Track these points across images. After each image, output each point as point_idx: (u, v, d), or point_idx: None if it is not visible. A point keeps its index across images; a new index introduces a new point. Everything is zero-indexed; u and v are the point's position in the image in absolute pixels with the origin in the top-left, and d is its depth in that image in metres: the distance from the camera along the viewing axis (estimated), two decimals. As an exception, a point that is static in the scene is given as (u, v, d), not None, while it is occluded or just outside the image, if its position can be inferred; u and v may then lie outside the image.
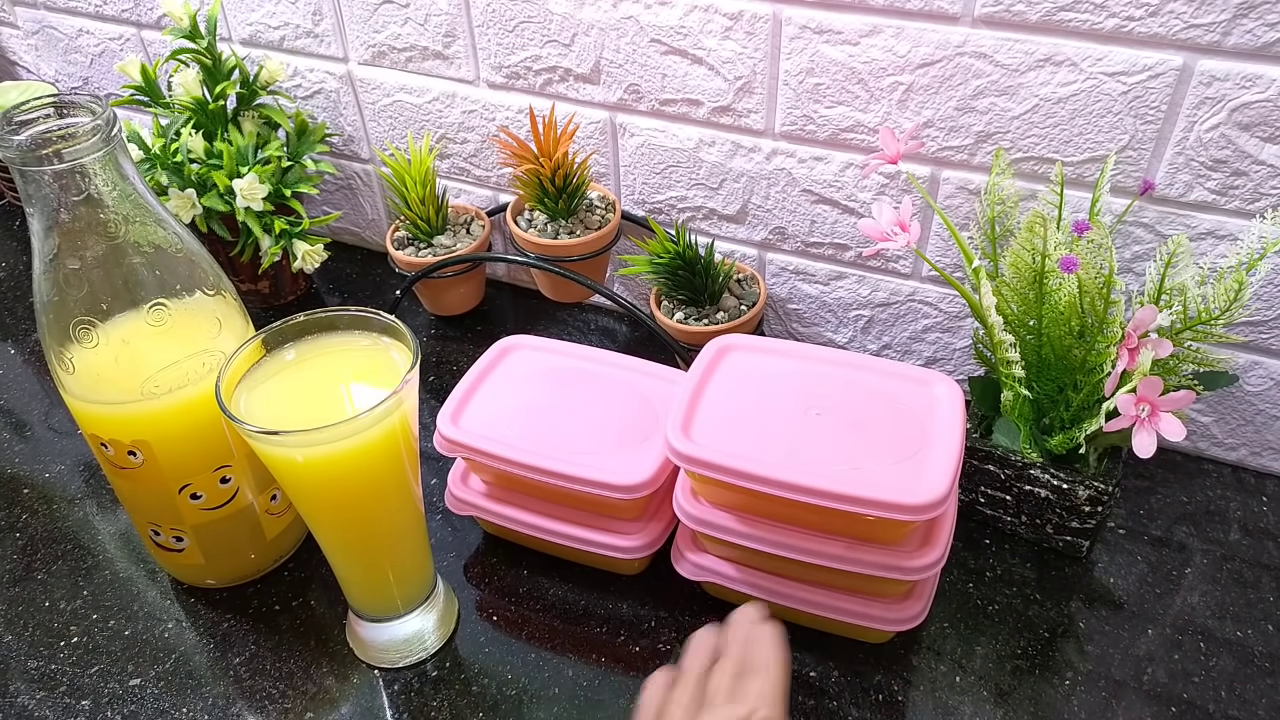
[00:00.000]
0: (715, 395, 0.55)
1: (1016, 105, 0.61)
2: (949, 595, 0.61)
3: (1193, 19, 0.55)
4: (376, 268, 0.93)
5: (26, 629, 0.61)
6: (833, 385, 0.56)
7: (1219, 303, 0.55)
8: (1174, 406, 0.52)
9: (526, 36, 0.74)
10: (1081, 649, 0.58)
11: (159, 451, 0.55)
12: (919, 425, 0.53)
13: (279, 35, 0.84)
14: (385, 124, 0.86)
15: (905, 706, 0.55)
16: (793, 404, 0.54)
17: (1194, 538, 0.64)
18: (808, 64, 0.66)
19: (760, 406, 0.54)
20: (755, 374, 0.57)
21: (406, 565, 0.57)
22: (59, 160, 0.47)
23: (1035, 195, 0.64)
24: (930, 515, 0.48)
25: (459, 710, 0.56)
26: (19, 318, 0.88)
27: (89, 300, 0.51)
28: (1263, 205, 0.59)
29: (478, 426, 0.60)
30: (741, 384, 0.56)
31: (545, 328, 0.85)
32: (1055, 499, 0.61)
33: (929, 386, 0.55)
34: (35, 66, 1.03)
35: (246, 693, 0.57)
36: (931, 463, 0.50)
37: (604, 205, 0.79)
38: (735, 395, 0.55)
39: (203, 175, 0.77)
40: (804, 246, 0.75)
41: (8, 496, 0.70)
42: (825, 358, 0.58)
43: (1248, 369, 0.66)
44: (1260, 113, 0.56)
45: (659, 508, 0.61)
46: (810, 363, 0.57)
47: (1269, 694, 0.55)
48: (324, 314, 0.53)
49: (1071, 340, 0.58)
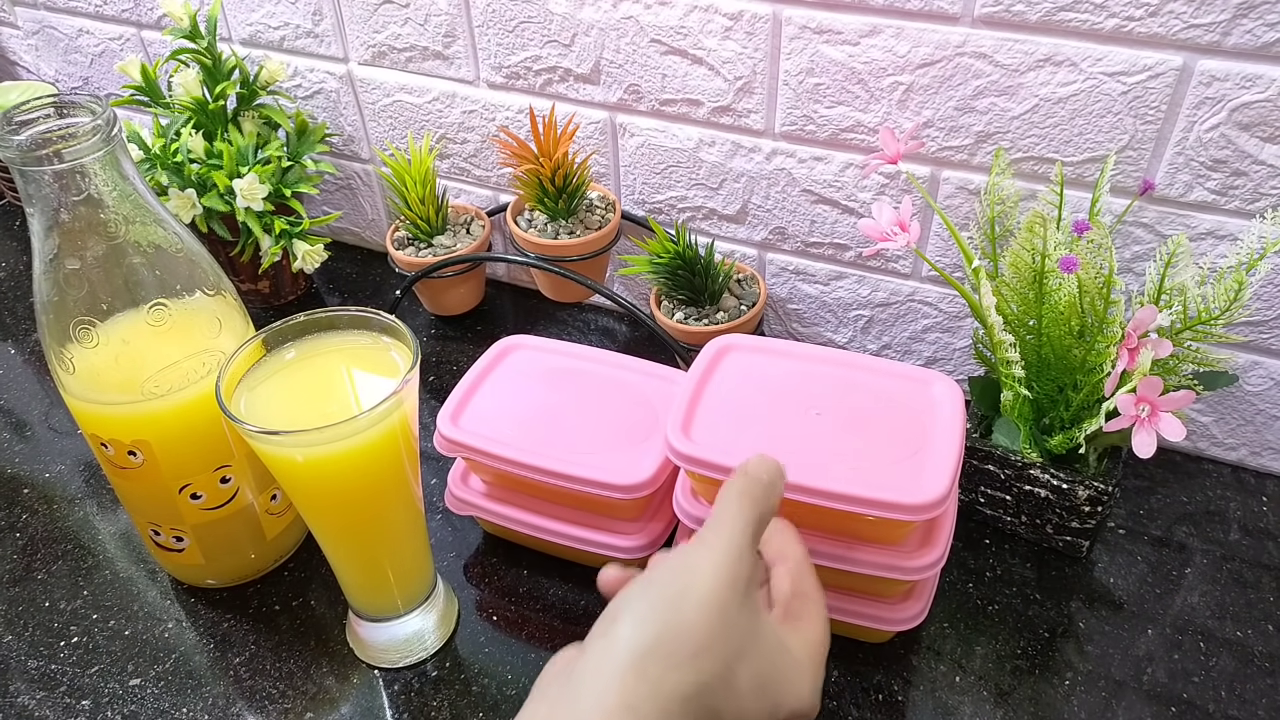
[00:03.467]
0: (715, 395, 0.55)
1: (1016, 105, 0.61)
2: (949, 595, 0.61)
3: (1193, 19, 0.55)
4: (376, 268, 0.93)
5: (26, 629, 0.61)
6: (832, 385, 0.56)
7: (1219, 303, 0.55)
8: (1174, 406, 0.52)
9: (526, 37, 0.74)
10: (1081, 649, 0.58)
11: (159, 451, 0.55)
12: (919, 425, 0.53)
13: (279, 35, 0.84)
14: (385, 124, 0.86)
15: (905, 706, 0.55)
16: (793, 404, 0.55)
17: (1194, 538, 0.64)
18: (808, 64, 0.66)
19: (760, 406, 0.54)
20: (755, 374, 0.57)
21: (406, 565, 0.57)
22: (59, 160, 0.47)
23: (1035, 195, 0.64)
24: (930, 515, 0.48)
25: (459, 710, 0.56)
26: (19, 318, 0.88)
27: (89, 300, 0.51)
28: (1262, 205, 0.59)
29: (478, 426, 0.60)
30: (741, 384, 0.56)
31: (545, 328, 0.85)
32: (1055, 499, 0.61)
33: (928, 386, 0.55)
34: (35, 66, 1.03)
35: (246, 693, 0.57)
36: (931, 462, 0.50)
37: (604, 205, 0.79)
38: (735, 395, 0.55)
39: (203, 175, 0.77)
40: (804, 246, 0.75)
41: (8, 496, 0.70)
42: (825, 358, 0.58)
43: (1248, 369, 0.66)
44: (1260, 113, 0.56)
45: (659, 508, 0.61)
46: (810, 363, 0.57)
47: (1269, 694, 0.55)
48: (324, 314, 0.53)
49: (1071, 340, 0.58)
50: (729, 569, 0.39)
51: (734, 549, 0.40)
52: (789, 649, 0.41)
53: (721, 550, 0.40)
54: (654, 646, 0.37)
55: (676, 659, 0.37)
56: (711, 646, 0.38)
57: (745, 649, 0.39)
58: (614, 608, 0.40)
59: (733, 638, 0.39)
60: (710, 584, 0.39)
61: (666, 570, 0.40)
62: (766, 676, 0.39)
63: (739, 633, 0.39)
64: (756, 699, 0.39)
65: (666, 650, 0.37)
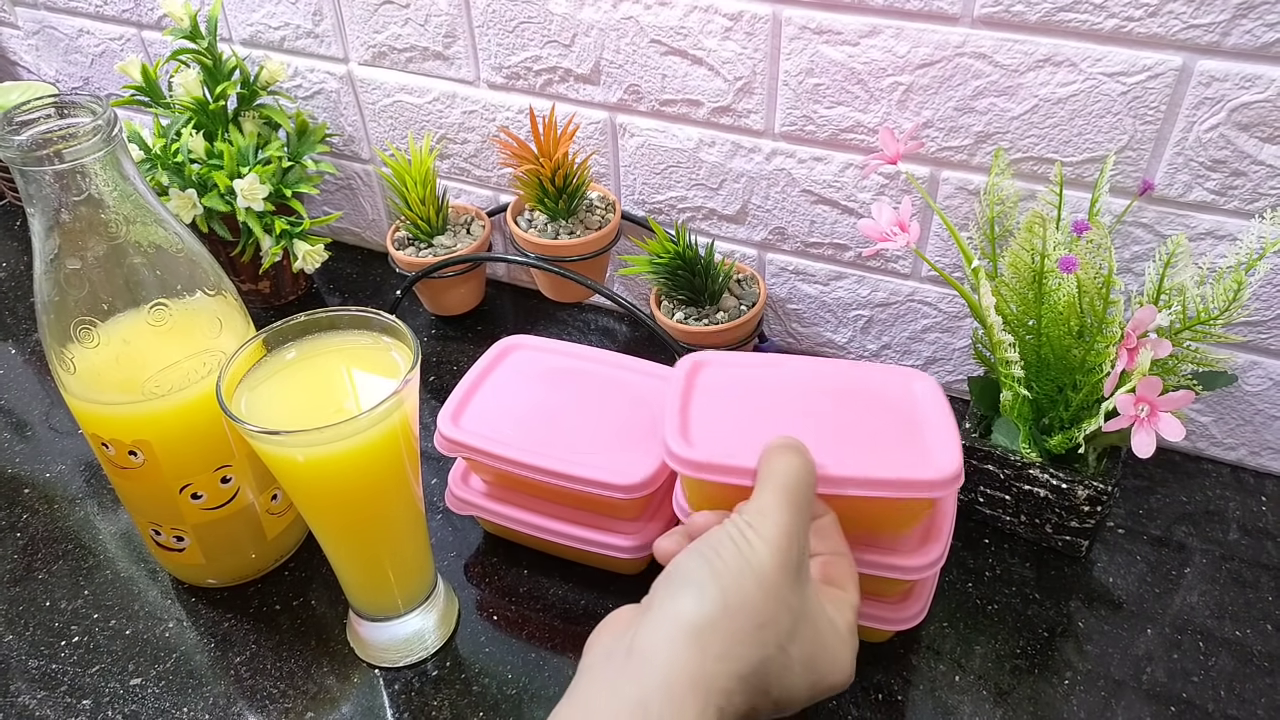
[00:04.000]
0: (701, 406, 0.54)
1: (1016, 105, 0.62)
2: (948, 595, 0.61)
3: (1192, 19, 0.55)
4: (376, 268, 0.93)
5: (27, 629, 0.61)
6: (812, 389, 0.55)
7: (1218, 303, 0.55)
8: (1173, 406, 0.52)
9: (526, 37, 0.74)
10: (1081, 648, 0.58)
11: (160, 451, 0.55)
12: (910, 416, 0.52)
13: (279, 35, 0.84)
14: (385, 124, 0.86)
15: (905, 706, 0.56)
16: (780, 409, 0.53)
17: (1193, 537, 0.65)
18: (807, 64, 0.66)
19: (749, 413, 0.54)
20: (734, 386, 0.55)
21: (407, 565, 0.57)
22: (60, 160, 0.47)
23: (1034, 195, 0.64)
24: (949, 490, 0.47)
25: (459, 710, 0.56)
26: (19, 318, 0.88)
27: (90, 300, 0.51)
28: (1262, 205, 0.59)
29: (478, 426, 0.60)
30: (723, 395, 0.55)
31: (545, 328, 0.85)
32: (1054, 499, 0.61)
33: (909, 383, 0.54)
34: (35, 67, 1.03)
35: (247, 692, 0.57)
36: (935, 444, 0.50)
37: (604, 205, 0.79)
38: (720, 405, 0.54)
39: (203, 175, 0.77)
40: (804, 246, 0.75)
41: (8, 496, 0.70)
42: (796, 365, 0.56)
43: (1247, 369, 0.66)
44: (1259, 113, 0.56)
45: (659, 508, 0.61)
46: (782, 370, 0.56)
47: (1268, 694, 0.55)
48: (324, 314, 0.53)
49: (1071, 340, 0.58)
50: (785, 548, 0.40)
51: (787, 525, 0.41)
52: (834, 622, 0.42)
53: (775, 527, 0.40)
54: (718, 621, 0.38)
55: (740, 635, 0.38)
56: (770, 624, 0.38)
57: (798, 627, 0.40)
58: (672, 578, 0.40)
59: (788, 616, 0.39)
60: (769, 563, 0.39)
61: (727, 544, 0.40)
62: (814, 653, 0.40)
63: (793, 611, 0.39)
64: (804, 675, 0.40)
65: (731, 626, 0.38)
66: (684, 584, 0.39)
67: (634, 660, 0.37)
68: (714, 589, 0.38)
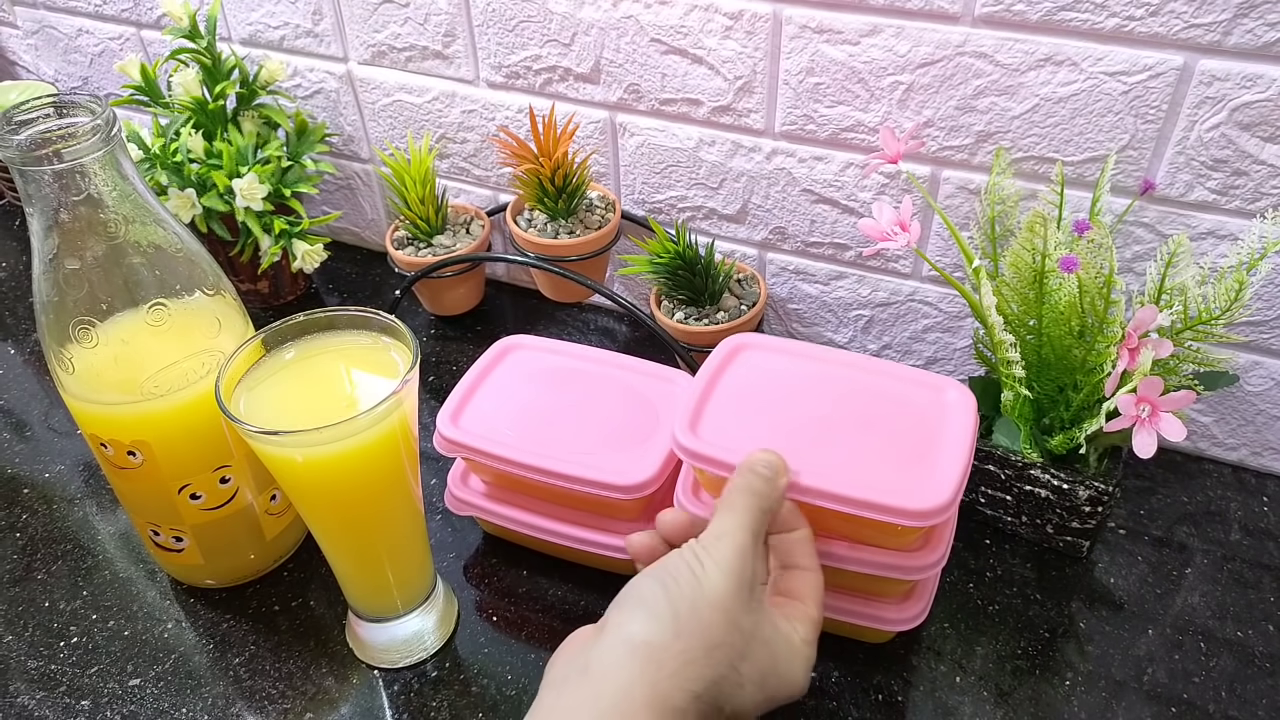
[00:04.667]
0: (726, 392, 0.55)
1: (1017, 105, 0.61)
2: (949, 595, 0.61)
3: (1193, 19, 0.55)
4: (376, 268, 0.93)
5: (26, 629, 0.61)
6: (845, 388, 0.55)
7: (1219, 302, 0.55)
8: (1174, 406, 0.52)
9: (526, 36, 0.74)
10: (1082, 649, 0.58)
11: (159, 451, 0.55)
12: (928, 430, 0.52)
13: (279, 35, 0.84)
14: (385, 124, 0.86)
15: (905, 706, 0.55)
16: (802, 405, 0.54)
17: (1194, 538, 0.64)
18: (808, 63, 0.65)
19: (770, 406, 0.54)
20: (768, 373, 0.56)
21: (406, 565, 0.56)
22: (59, 160, 0.47)
23: (1035, 195, 0.64)
24: (932, 522, 0.48)
25: (459, 710, 0.56)
26: (19, 318, 0.88)
27: (89, 300, 0.51)
28: (1263, 205, 0.59)
29: (478, 426, 0.60)
30: (753, 383, 0.56)
31: (545, 328, 0.85)
32: (1055, 499, 0.61)
33: (942, 392, 0.54)
34: (35, 66, 1.03)
35: (246, 693, 0.57)
36: (938, 469, 0.50)
37: (604, 205, 0.79)
38: (746, 393, 0.55)
39: (202, 175, 0.77)
40: (804, 246, 0.75)
41: (8, 496, 0.70)
42: (840, 360, 0.57)
43: (1248, 369, 0.66)
44: (1261, 112, 0.56)
45: (659, 508, 0.60)
46: (824, 364, 0.56)
47: (1269, 694, 0.55)
48: (323, 314, 0.53)
49: (1072, 340, 0.58)
50: (736, 571, 0.41)
51: (741, 549, 0.42)
52: (789, 639, 0.43)
53: (729, 551, 0.42)
54: (670, 643, 0.39)
55: (692, 655, 0.39)
56: (722, 644, 0.40)
57: (750, 647, 0.41)
58: (627, 600, 0.42)
59: (739, 637, 0.40)
60: (721, 586, 0.41)
61: (682, 569, 0.42)
62: (767, 670, 0.41)
63: (744, 632, 0.41)
64: (755, 692, 0.41)
65: (682, 647, 0.39)
66: (637, 606, 0.41)
67: (589, 680, 0.39)
68: (667, 611, 0.40)
